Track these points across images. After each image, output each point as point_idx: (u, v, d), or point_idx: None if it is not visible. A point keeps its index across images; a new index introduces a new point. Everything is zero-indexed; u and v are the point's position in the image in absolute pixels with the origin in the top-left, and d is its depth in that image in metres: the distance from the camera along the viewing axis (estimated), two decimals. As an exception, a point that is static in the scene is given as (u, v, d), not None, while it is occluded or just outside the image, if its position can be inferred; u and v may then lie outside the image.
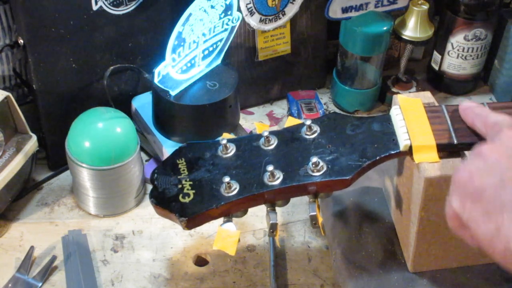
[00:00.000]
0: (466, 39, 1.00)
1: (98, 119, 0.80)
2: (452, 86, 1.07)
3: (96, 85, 0.88)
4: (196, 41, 0.83)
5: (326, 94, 1.07)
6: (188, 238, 0.82)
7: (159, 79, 0.83)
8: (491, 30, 1.00)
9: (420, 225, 0.66)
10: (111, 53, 0.87)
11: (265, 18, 0.95)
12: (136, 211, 0.86)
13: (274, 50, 0.99)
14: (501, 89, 1.07)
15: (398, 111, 0.65)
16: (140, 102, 0.92)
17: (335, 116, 0.67)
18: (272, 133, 0.66)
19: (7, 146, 0.81)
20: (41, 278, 0.76)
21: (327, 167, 0.62)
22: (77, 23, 0.82)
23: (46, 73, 0.83)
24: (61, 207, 0.86)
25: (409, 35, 0.97)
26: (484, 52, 1.03)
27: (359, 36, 0.95)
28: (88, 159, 0.79)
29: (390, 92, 1.04)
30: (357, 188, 0.80)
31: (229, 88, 0.86)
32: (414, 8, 0.96)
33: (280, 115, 1.03)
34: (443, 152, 0.63)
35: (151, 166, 0.90)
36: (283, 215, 0.84)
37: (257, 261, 0.79)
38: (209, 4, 0.81)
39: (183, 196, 0.63)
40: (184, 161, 0.66)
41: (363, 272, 0.72)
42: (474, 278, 0.71)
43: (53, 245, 0.80)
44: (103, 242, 0.81)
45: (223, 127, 0.86)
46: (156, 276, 0.77)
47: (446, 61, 1.04)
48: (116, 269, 0.78)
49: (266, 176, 0.62)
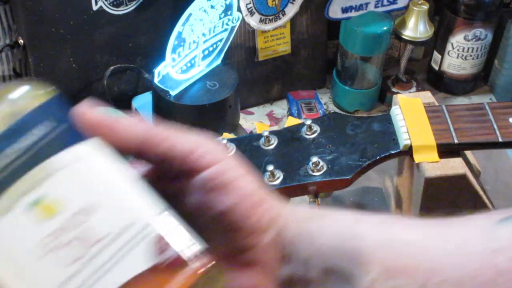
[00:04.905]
0: (466, 39, 1.00)
1: (98, 119, 0.80)
2: (452, 86, 1.07)
3: (96, 85, 0.88)
4: (196, 41, 0.83)
5: (326, 94, 1.07)
6: (188, 238, 0.81)
7: (159, 79, 0.83)
8: (491, 30, 1.00)
9: (420, 225, 0.66)
10: (111, 53, 0.87)
11: (265, 18, 0.95)
12: (136, 211, 0.86)
13: (274, 50, 0.99)
14: (501, 89, 1.07)
15: (398, 111, 0.65)
16: (140, 102, 0.92)
17: (335, 116, 0.67)
18: (272, 133, 0.66)
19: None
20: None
21: (327, 167, 0.62)
22: (77, 23, 0.82)
23: (46, 73, 0.83)
24: (61, 207, 0.86)
25: (409, 35, 0.97)
26: (484, 52, 1.03)
27: (359, 36, 0.95)
28: (88, 159, 0.79)
29: (390, 92, 1.04)
30: (357, 188, 0.80)
31: (229, 88, 0.86)
32: (414, 8, 0.96)
33: (280, 115, 1.03)
34: (443, 152, 0.63)
35: (151, 166, 0.90)
36: (283, 215, 0.84)
37: (257, 261, 0.79)
38: (209, 4, 0.81)
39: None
40: (184, 161, 0.66)
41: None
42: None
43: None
44: (103, 242, 0.81)
45: (223, 127, 0.86)
46: (156, 276, 0.77)
47: (446, 61, 1.04)
48: (116, 269, 0.78)
49: (266, 176, 0.62)
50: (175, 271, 0.31)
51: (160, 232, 0.31)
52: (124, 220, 0.31)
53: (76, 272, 0.29)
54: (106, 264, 0.30)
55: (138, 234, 0.31)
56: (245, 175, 0.37)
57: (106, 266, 0.30)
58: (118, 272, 0.30)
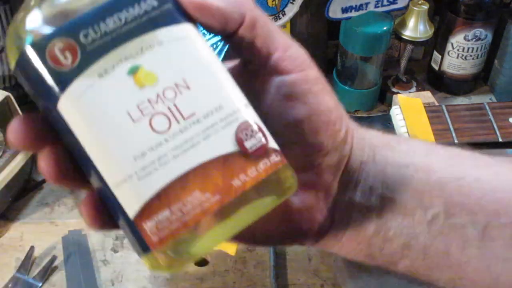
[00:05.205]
0: (466, 39, 1.00)
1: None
2: (452, 86, 1.07)
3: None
4: (196, 41, 0.83)
5: (326, 94, 1.07)
6: (188, 238, 0.81)
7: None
8: (491, 30, 1.00)
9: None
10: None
11: (265, 18, 0.95)
12: (136, 211, 0.86)
13: (274, 50, 0.99)
14: (501, 89, 1.07)
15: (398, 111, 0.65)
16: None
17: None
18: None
19: (7, 146, 0.81)
20: (41, 278, 0.76)
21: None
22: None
23: (46, 73, 0.83)
24: (61, 207, 0.86)
25: (409, 35, 0.97)
26: (484, 52, 1.03)
27: (359, 36, 0.95)
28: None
29: (390, 92, 1.04)
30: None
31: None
32: (414, 8, 0.96)
33: (280, 115, 1.03)
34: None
35: (151, 166, 0.90)
36: (283, 215, 0.84)
37: (257, 261, 0.79)
38: (209, 4, 0.81)
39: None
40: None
41: (363, 272, 0.72)
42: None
43: (53, 245, 0.80)
44: (103, 242, 0.81)
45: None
46: (156, 276, 0.77)
47: (446, 61, 1.04)
48: (116, 269, 0.78)
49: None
50: (257, 159, 0.32)
51: (248, 120, 0.32)
52: (214, 102, 0.32)
53: (165, 141, 0.31)
54: (192, 140, 0.31)
55: (226, 117, 0.32)
56: (326, 90, 0.36)
57: (192, 141, 0.31)
58: (203, 150, 0.31)
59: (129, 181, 0.30)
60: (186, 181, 0.31)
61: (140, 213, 0.30)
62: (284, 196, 0.33)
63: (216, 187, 0.31)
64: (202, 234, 0.31)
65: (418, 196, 0.37)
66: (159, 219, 0.30)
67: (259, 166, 0.32)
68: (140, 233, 0.31)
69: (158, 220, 0.30)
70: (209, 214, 0.31)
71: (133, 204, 0.31)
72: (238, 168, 0.32)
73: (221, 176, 0.31)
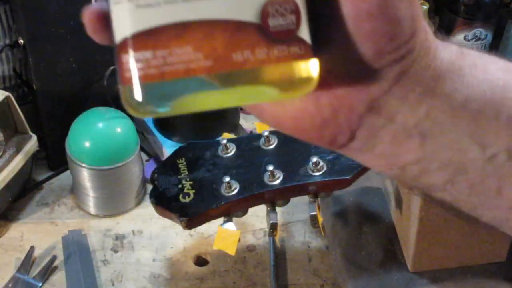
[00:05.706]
0: (466, 39, 1.00)
1: (98, 119, 0.80)
2: (452, 86, 1.07)
3: (96, 85, 0.88)
4: (196, 41, 0.83)
5: (326, 94, 1.07)
6: (188, 238, 0.82)
7: (159, 79, 0.83)
8: (491, 30, 1.00)
9: (420, 225, 0.66)
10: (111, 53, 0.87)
11: (265, 18, 0.95)
12: (136, 211, 0.86)
13: (274, 50, 0.99)
14: (501, 89, 1.07)
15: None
16: (140, 102, 0.92)
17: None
18: (272, 132, 0.66)
19: (7, 146, 0.81)
20: (41, 278, 0.76)
21: (327, 167, 0.62)
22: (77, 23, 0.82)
23: (46, 73, 0.83)
24: (61, 207, 0.86)
25: (409, 35, 0.97)
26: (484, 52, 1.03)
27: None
28: (88, 159, 0.79)
29: (390, 92, 1.04)
30: (357, 188, 0.80)
31: (229, 88, 0.86)
32: (414, 8, 0.96)
33: (280, 115, 1.03)
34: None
35: (151, 166, 0.90)
36: (283, 215, 0.84)
37: (257, 261, 0.79)
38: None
39: (183, 196, 0.63)
40: (184, 161, 0.66)
41: (363, 272, 0.72)
42: (474, 278, 0.71)
43: (53, 245, 0.80)
44: (103, 242, 0.81)
45: (223, 127, 0.86)
46: (156, 276, 0.77)
47: (446, 61, 1.04)
48: (116, 269, 0.78)
49: (266, 176, 0.62)
50: (274, 43, 0.28)
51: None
52: None
53: None
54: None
55: None
56: None
57: None
58: (219, 5, 0.28)
59: (128, 3, 0.28)
60: (183, 31, 0.28)
61: (124, 42, 0.28)
62: (288, 96, 0.29)
63: (212, 52, 0.28)
64: (176, 93, 0.28)
65: (480, 132, 0.32)
66: (138, 57, 0.28)
67: (273, 51, 0.28)
68: (118, 62, 0.29)
69: (137, 58, 0.28)
70: (191, 75, 0.28)
71: (121, 30, 0.28)
72: (247, 43, 0.28)
73: (224, 43, 0.28)
